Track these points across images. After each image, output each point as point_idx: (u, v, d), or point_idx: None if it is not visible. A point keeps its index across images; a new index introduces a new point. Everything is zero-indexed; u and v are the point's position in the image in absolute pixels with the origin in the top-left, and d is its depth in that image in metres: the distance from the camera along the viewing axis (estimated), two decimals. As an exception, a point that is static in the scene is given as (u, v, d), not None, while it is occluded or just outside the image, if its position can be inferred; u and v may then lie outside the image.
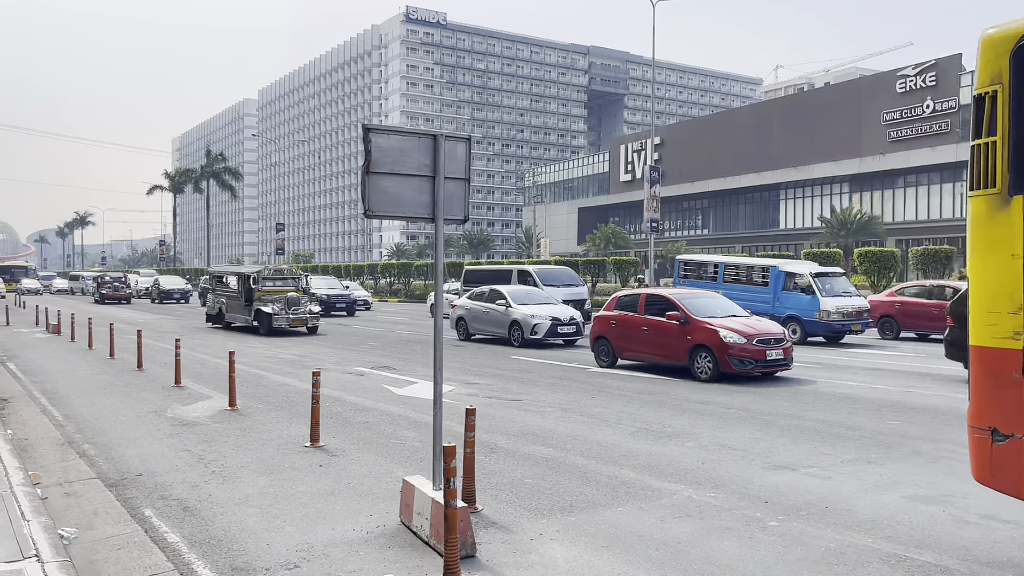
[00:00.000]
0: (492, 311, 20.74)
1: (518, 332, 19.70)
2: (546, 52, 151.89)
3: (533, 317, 19.54)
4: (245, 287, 24.26)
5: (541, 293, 21.78)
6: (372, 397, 11.84)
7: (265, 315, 23.17)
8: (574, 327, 19.75)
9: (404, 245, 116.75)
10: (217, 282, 27.09)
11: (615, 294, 16.23)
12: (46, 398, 12.06)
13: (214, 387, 12.93)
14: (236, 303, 24.91)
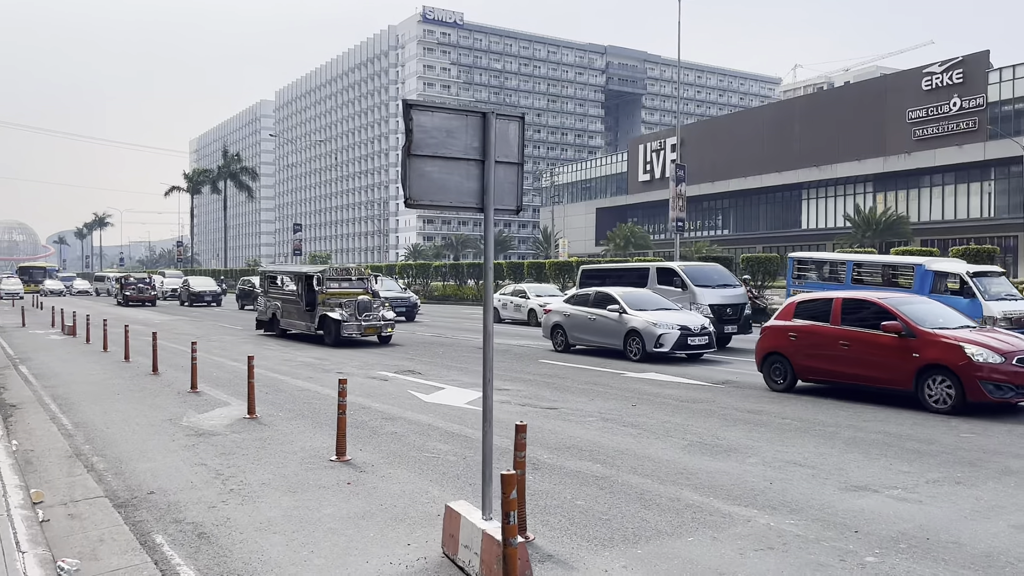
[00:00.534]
0: (601, 318, 17.43)
1: (637, 343, 16.43)
2: (563, 52, 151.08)
3: (657, 325, 16.20)
4: (307, 290, 21.28)
5: (653, 297, 18.17)
6: (398, 404, 11.16)
7: (332, 322, 19.87)
8: (706, 338, 16.52)
9: (421, 246, 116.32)
10: (270, 283, 23.79)
11: (791, 299, 13.25)
12: (56, 404, 11.47)
13: (232, 393, 12.30)
14: (294, 308, 21.79)
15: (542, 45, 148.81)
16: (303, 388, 12.80)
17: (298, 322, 21.64)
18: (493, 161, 4.77)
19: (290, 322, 22.14)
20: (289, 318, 22.17)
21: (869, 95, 66.51)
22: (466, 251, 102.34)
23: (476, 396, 11.77)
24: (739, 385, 12.93)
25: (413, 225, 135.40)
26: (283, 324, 22.52)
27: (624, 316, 16.86)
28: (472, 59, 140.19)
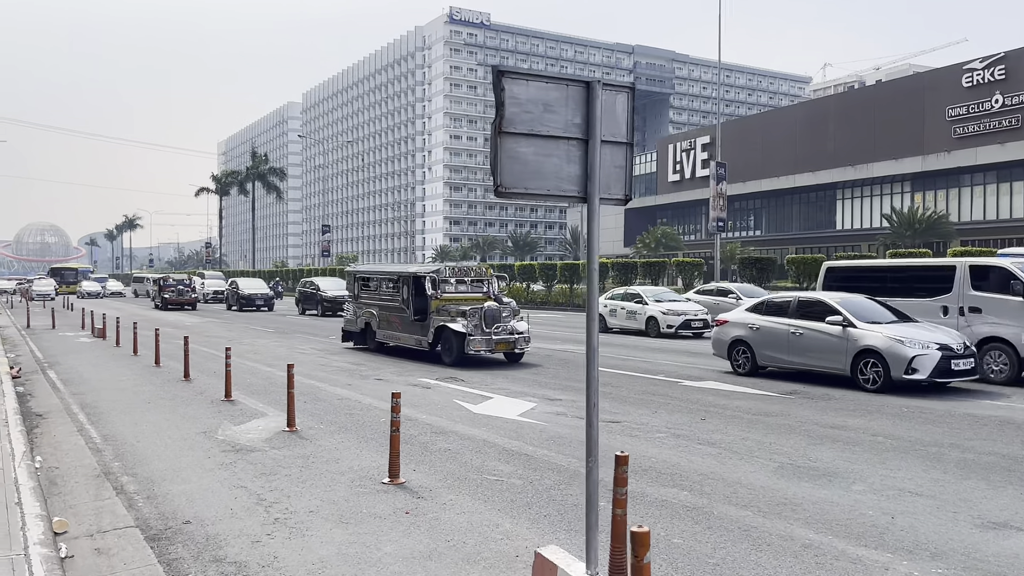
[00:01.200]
0: (812, 333, 13.26)
1: (875, 368, 12.21)
2: (590, 52, 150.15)
3: (906, 344, 11.98)
4: (415, 294, 17.32)
5: (876, 306, 13.56)
6: (447, 416, 10.37)
7: (454, 336, 15.80)
8: (971, 361, 12.28)
9: (448, 247, 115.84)
10: (362, 286, 19.53)
11: None
12: (84, 414, 10.83)
13: (268, 401, 11.60)
14: (398, 317, 17.77)
15: (569, 45, 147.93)
16: (342, 397, 12.06)
17: (403, 335, 17.62)
18: (599, 140, 3.96)
19: (391, 334, 18.16)
20: (390, 329, 18.18)
21: (906, 93, 64.88)
22: (492, 252, 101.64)
23: (528, 407, 10.96)
24: (808, 396, 11.99)
25: (440, 226, 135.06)
26: (381, 336, 18.57)
27: (852, 331, 12.65)
28: (499, 59, 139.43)
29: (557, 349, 19.43)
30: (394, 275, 18.49)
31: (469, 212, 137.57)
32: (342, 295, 32.33)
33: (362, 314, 19.34)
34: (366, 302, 19.23)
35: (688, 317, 23.58)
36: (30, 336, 24.60)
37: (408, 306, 17.37)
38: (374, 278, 19.41)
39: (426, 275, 17.03)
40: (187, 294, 41.92)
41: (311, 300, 36.34)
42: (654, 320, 23.78)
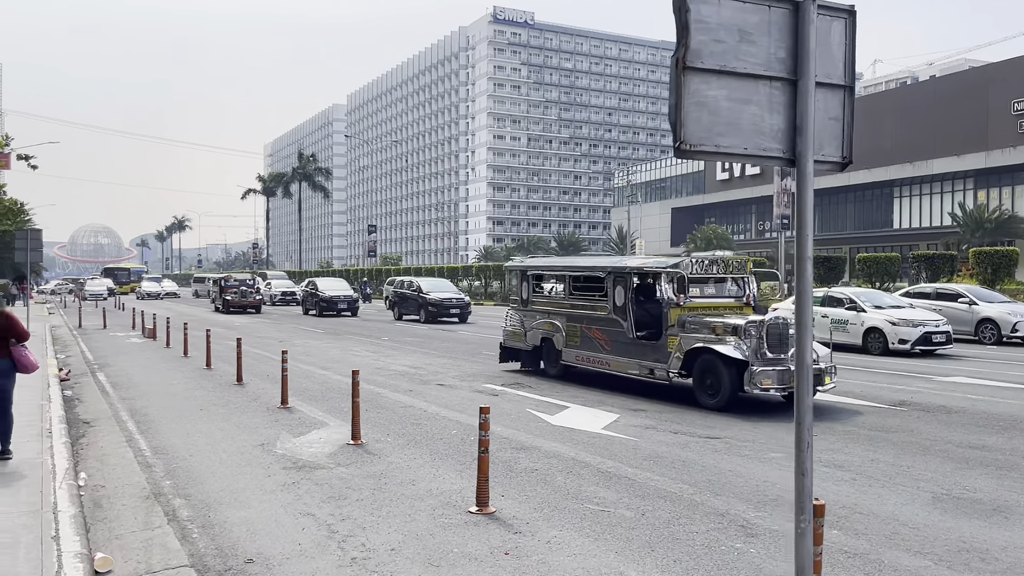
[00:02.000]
0: None
1: None
2: (635, 50, 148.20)
3: None
4: (642, 299, 12.49)
5: None
6: (524, 428, 9.38)
7: (725, 365, 10.52)
8: None
9: (492, 248, 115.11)
10: (534, 286, 14.53)
11: None
12: (134, 421, 10.08)
13: (327, 409, 10.74)
14: (606, 332, 12.53)
15: (614, 43, 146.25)
16: (406, 405, 11.14)
17: (614, 357, 12.31)
18: (811, 81, 2.92)
19: (591, 356, 12.80)
20: (589, 349, 12.85)
21: (968, 87, 62.26)
22: (536, 252, 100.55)
23: (611, 419, 9.92)
24: (925, 408, 10.75)
25: (483, 227, 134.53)
26: (571, 357, 13.24)
27: None
28: (543, 59, 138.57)
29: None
30: (599, 271, 12.93)
31: (512, 212, 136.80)
32: (450, 298, 30.42)
33: (536, 326, 14.13)
34: (543, 309, 14.07)
35: (928, 329, 17.99)
36: (81, 336, 24.28)
37: (626, 316, 12.07)
38: (557, 275, 14.44)
39: (662, 271, 11.80)
40: (251, 295, 38.25)
41: (409, 303, 31.73)
42: (878, 333, 18.45)
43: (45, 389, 11.70)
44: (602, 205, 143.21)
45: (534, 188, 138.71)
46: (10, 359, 7.49)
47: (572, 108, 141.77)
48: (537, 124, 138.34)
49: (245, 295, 37.90)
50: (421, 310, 30.51)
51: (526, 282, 14.74)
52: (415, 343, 21.17)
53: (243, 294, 37.86)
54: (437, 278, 39.19)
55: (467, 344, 20.85)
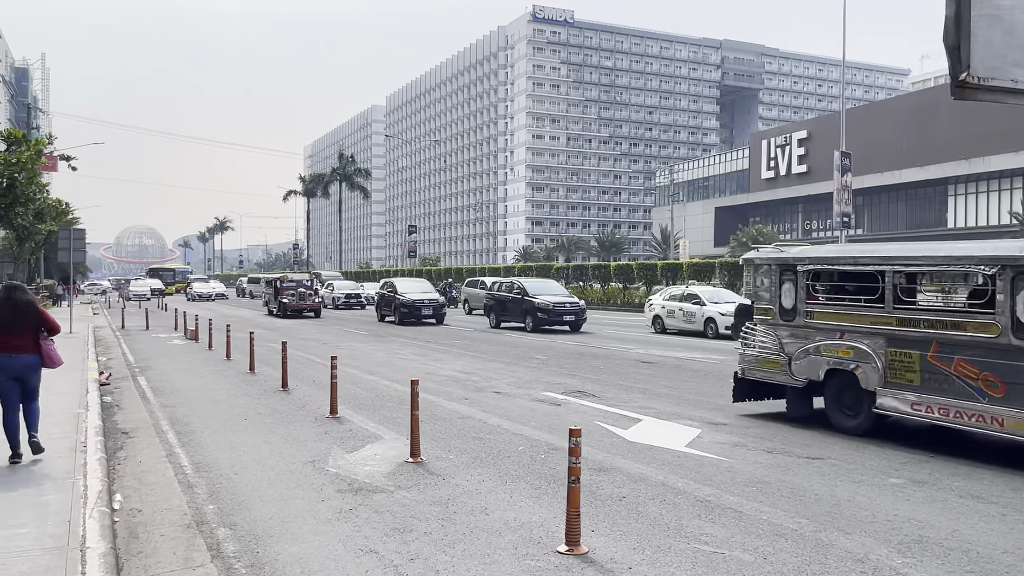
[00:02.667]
0: None
1: None
2: (676, 47, 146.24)
3: None
4: None
5: None
6: (598, 445, 8.47)
7: None
8: None
9: (531, 248, 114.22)
10: (809, 289, 9.81)
11: None
12: (175, 432, 9.40)
13: (380, 420, 9.96)
14: (1004, 368, 7.48)
15: (654, 41, 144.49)
16: (464, 415, 10.31)
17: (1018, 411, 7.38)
18: None
19: (959, 405, 7.88)
20: (948, 393, 7.99)
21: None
22: (577, 253, 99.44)
23: (692, 434, 8.98)
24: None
25: (522, 227, 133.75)
26: (901, 402, 8.44)
27: None
28: (582, 57, 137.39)
29: (669, 356, 17.28)
30: (981, 263, 7.83)
31: (551, 212, 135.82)
32: (563, 303, 25.63)
33: (816, 350, 9.44)
34: (830, 324, 9.33)
35: None
36: (124, 338, 23.94)
37: None
38: (869, 271, 9.01)
39: None
40: (309, 298, 34.64)
41: (510, 308, 26.97)
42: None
43: (83, 395, 11.10)
44: (642, 205, 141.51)
45: (573, 188, 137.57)
46: (39, 354, 7.39)
47: (612, 107, 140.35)
48: (576, 123, 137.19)
49: (303, 297, 34.38)
50: (528, 316, 25.77)
51: (792, 282, 9.85)
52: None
53: (301, 296, 34.29)
54: (541, 279, 35.74)
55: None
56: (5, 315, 7.22)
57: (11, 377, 7.22)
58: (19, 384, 7.28)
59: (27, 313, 7.34)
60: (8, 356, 7.18)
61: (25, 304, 7.36)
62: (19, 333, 7.24)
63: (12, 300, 7.32)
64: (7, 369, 7.18)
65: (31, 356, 7.30)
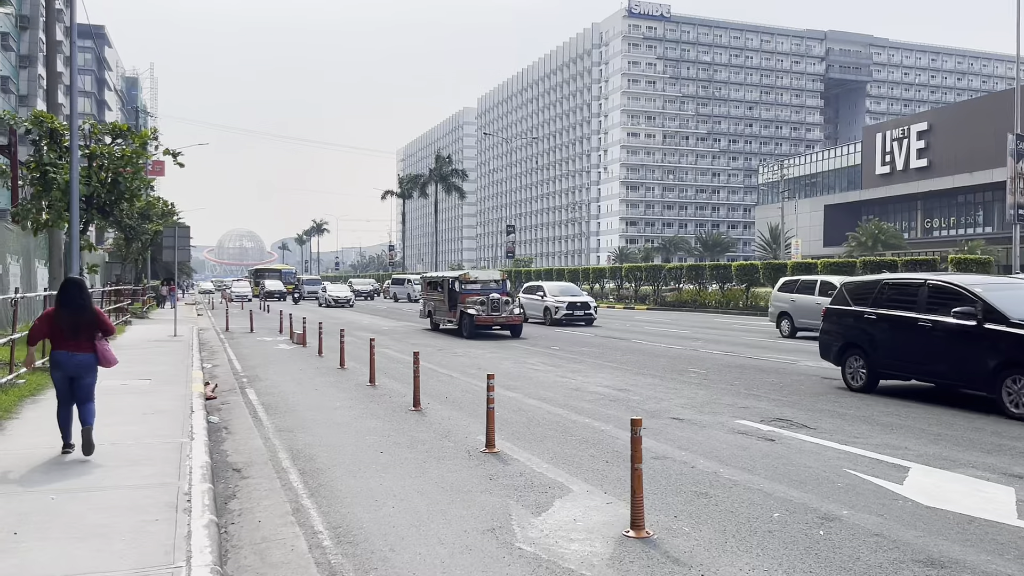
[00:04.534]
0: None
1: None
2: (778, 40, 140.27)
3: None
4: None
5: None
6: (880, 510, 5.97)
7: None
8: None
9: (627, 248, 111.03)
10: None
11: None
12: (297, 470, 7.40)
13: (551, 457, 7.72)
14: None
15: (754, 34, 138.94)
16: (657, 454, 7.91)
17: None
18: None
19: None
20: None
21: None
22: (679, 253, 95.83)
23: (1009, 498, 6.36)
24: None
25: (615, 227, 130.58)
26: None
27: None
28: (679, 52, 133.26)
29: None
30: None
31: (646, 212, 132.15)
32: None
33: None
34: None
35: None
36: (228, 341, 22.63)
37: None
38: None
39: None
40: (505, 307, 22.97)
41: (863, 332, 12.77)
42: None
43: (188, 416, 9.29)
44: (742, 204, 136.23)
45: (669, 187, 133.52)
46: (95, 353, 7.43)
47: (710, 103, 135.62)
48: (673, 120, 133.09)
49: (496, 306, 22.82)
50: None
51: None
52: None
53: (494, 305, 22.84)
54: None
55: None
56: (65, 315, 7.30)
57: (67, 375, 7.29)
58: (72, 382, 7.31)
59: (85, 313, 7.37)
60: (65, 353, 7.26)
61: (84, 305, 7.41)
62: (76, 332, 7.29)
63: (73, 300, 7.37)
64: (63, 366, 7.26)
65: (87, 355, 7.35)
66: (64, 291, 7.43)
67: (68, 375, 7.26)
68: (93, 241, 26.86)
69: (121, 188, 20.53)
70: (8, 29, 52.62)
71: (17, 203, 20.65)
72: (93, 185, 19.81)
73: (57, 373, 7.27)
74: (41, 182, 19.17)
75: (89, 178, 19.76)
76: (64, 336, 7.24)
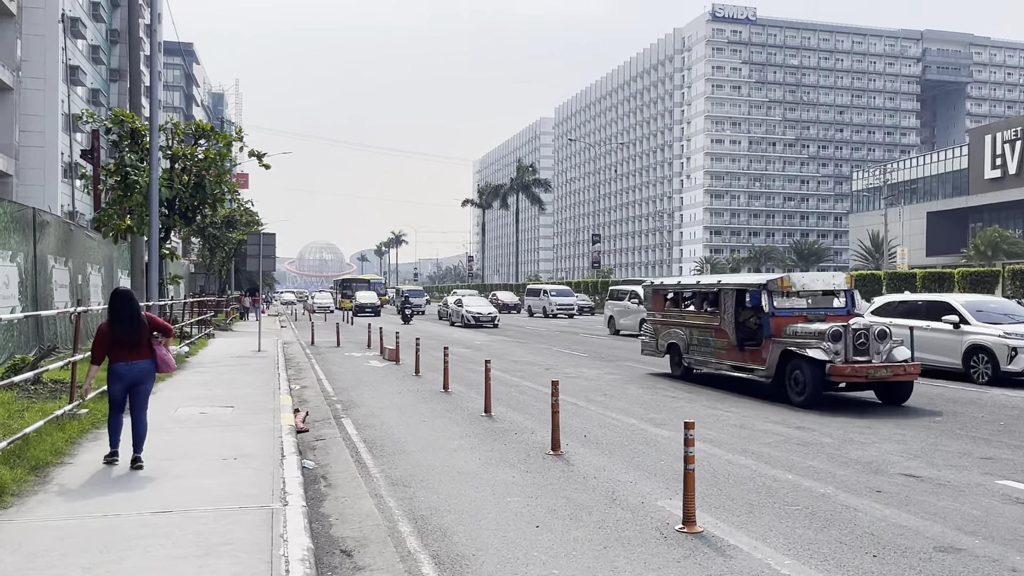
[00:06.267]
0: None
1: None
2: (870, 41, 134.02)
3: None
4: None
5: None
6: None
7: None
8: None
9: (713, 258, 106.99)
10: None
11: None
12: (430, 556, 5.27)
13: (785, 542, 5.39)
14: None
15: (845, 35, 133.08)
16: (879, 517, 5.52)
17: None
18: None
19: None
20: None
21: None
22: (769, 264, 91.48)
23: None
24: None
25: (699, 237, 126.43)
26: None
27: None
28: (765, 56, 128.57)
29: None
30: None
31: (731, 221, 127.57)
32: None
33: None
34: None
35: None
36: (315, 356, 20.96)
37: None
38: None
39: None
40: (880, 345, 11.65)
41: None
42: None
43: (278, 463, 7.29)
44: (833, 212, 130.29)
45: (755, 194, 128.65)
46: (154, 359, 7.25)
47: (798, 107, 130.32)
48: (759, 126, 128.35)
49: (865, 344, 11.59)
50: None
51: None
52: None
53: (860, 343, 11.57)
54: None
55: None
56: (120, 327, 7.11)
57: (127, 385, 7.11)
58: (131, 390, 7.14)
59: (137, 322, 7.17)
60: (125, 364, 7.09)
61: (134, 315, 7.20)
62: (135, 337, 7.13)
63: (122, 313, 7.17)
64: (123, 378, 7.09)
65: (146, 361, 7.19)
66: (113, 305, 7.24)
67: (127, 385, 7.09)
68: (179, 251, 25.77)
69: (205, 191, 19.10)
70: (99, 42, 53.21)
71: (99, 209, 19.47)
72: (175, 188, 18.43)
73: (117, 385, 7.07)
74: (122, 186, 17.87)
75: (171, 181, 18.39)
76: (122, 348, 7.06)
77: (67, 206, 40.22)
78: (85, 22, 48.41)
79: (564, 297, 45.34)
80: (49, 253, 15.89)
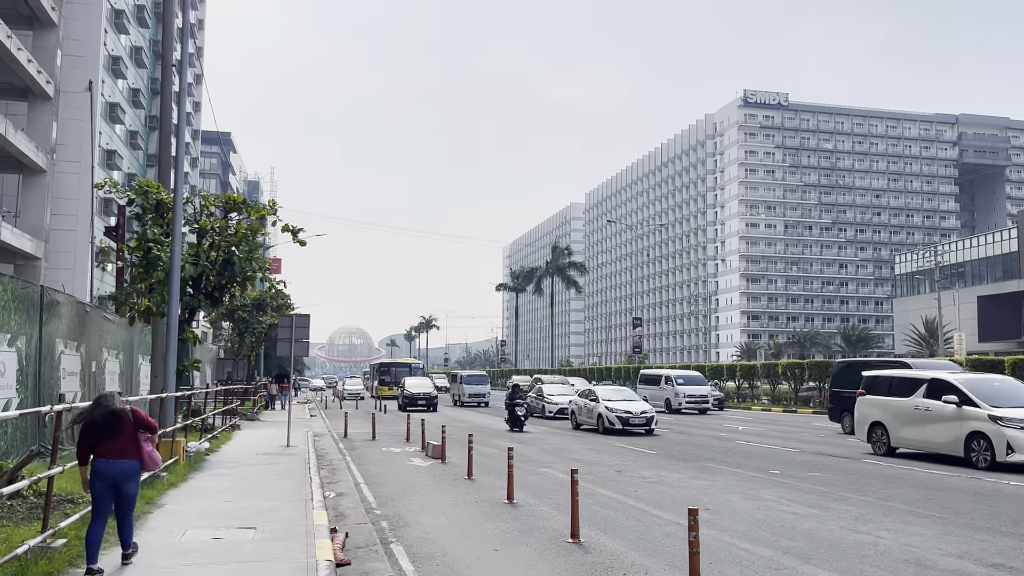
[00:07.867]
0: None
1: None
2: (905, 125, 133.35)
3: None
4: None
5: None
6: None
7: None
8: None
9: (753, 344, 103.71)
10: None
11: None
12: None
13: None
14: None
15: (879, 120, 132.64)
16: None
17: None
18: None
19: None
20: None
21: None
22: (813, 350, 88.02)
23: None
24: None
25: (736, 322, 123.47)
26: None
27: None
28: (799, 140, 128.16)
29: None
30: None
31: (769, 305, 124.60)
32: None
33: None
34: None
35: None
36: (350, 452, 18.69)
37: None
38: None
39: None
40: None
41: None
42: None
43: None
44: (873, 296, 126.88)
45: (793, 279, 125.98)
46: (139, 459, 6.77)
47: (834, 191, 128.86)
48: (795, 209, 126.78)
49: None
50: None
51: None
52: None
53: None
54: None
55: None
56: (100, 418, 6.64)
57: (108, 485, 6.55)
58: (114, 492, 6.60)
59: (117, 415, 6.68)
60: (106, 462, 6.56)
61: (113, 408, 6.70)
62: (117, 436, 6.63)
63: (106, 406, 6.72)
64: (104, 475, 6.53)
65: (131, 461, 6.66)
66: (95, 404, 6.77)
67: (109, 484, 6.56)
68: (202, 333, 23.96)
69: (234, 269, 17.32)
70: (137, 128, 53.30)
71: (118, 288, 17.72)
72: (202, 265, 16.65)
73: (98, 483, 6.51)
74: (143, 262, 16.14)
75: (197, 257, 16.63)
76: (104, 444, 6.59)
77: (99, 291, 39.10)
78: (124, 108, 48.46)
79: (695, 386, 36.61)
80: (59, 337, 14.05)
